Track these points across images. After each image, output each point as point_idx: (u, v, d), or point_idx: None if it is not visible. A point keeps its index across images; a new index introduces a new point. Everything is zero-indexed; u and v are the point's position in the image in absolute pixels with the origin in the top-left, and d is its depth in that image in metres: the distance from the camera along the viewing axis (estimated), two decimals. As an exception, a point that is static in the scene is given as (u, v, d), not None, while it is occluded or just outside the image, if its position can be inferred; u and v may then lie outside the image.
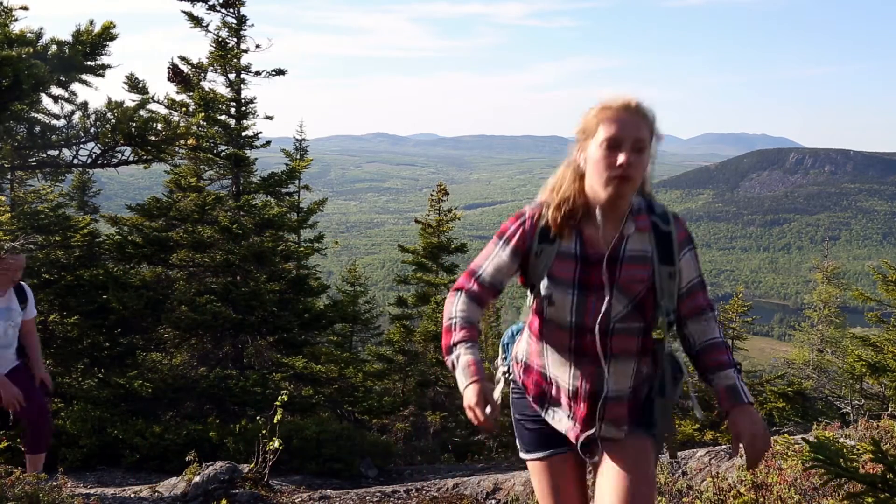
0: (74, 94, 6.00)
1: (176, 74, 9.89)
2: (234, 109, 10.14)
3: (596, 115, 1.98)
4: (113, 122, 5.91)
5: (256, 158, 10.27)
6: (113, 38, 5.65)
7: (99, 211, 16.32)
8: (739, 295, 13.03)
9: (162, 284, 9.18)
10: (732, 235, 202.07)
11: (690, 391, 2.23)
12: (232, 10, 10.05)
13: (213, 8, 10.02)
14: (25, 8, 5.53)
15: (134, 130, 5.91)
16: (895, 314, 9.96)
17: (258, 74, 10.35)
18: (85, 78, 5.81)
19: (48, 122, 6.27)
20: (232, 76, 10.15)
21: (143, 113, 6.00)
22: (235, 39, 10.09)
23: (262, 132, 10.56)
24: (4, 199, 8.92)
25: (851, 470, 1.88)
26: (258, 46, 10.26)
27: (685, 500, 3.96)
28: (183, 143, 6.52)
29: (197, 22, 10.03)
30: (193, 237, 9.11)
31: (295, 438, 6.65)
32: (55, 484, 4.11)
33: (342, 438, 7.01)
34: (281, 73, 10.62)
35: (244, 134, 10.13)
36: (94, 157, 6.21)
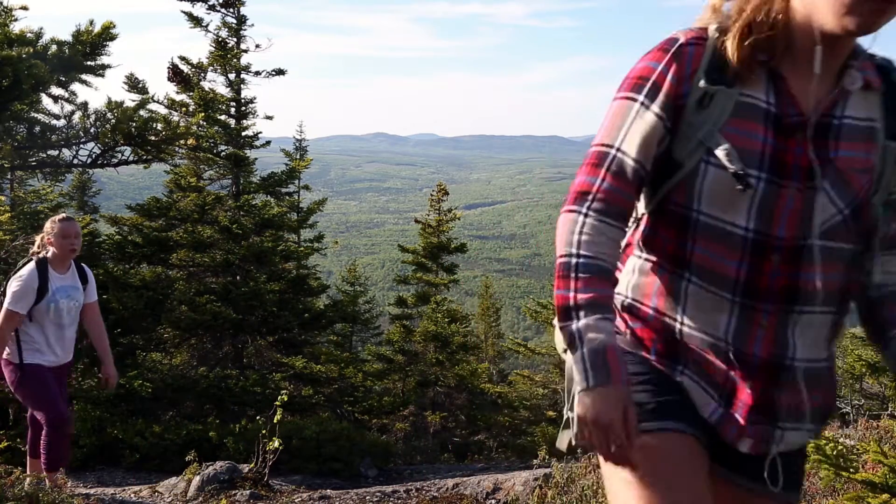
0: (74, 94, 6.03)
1: (176, 74, 9.90)
2: (233, 109, 10.15)
3: None
4: (113, 122, 5.92)
5: (256, 158, 10.27)
6: (113, 38, 5.66)
7: (99, 211, 16.34)
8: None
9: (162, 284, 9.18)
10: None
11: None
12: (232, 10, 10.07)
13: (213, 8, 10.03)
14: (25, 8, 5.54)
15: (134, 130, 5.92)
16: (895, 314, 9.96)
17: (258, 74, 10.36)
18: (85, 78, 5.83)
19: (48, 122, 6.29)
20: (232, 76, 10.16)
21: (143, 113, 6.02)
22: (235, 39, 10.10)
23: (261, 132, 10.58)
24: (4, 199, 8.92)
25: (851, 470, 1.88)
26: (258, 46, 10.28)
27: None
28: (183, 143, 6.53)
29: (197, 22, 10.04)
30: (193, 237, 9.11)
31: (295, 438, 6.65)
32: (55, 484, 4.11)
33: (342, 438, 7.01)
34: (281, 73, 10.63)
35: (244, 134, 10.14)
36: (94, 157, 6.22)
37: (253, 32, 11.87)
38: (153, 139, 6.09)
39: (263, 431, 5.11)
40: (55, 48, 5.40)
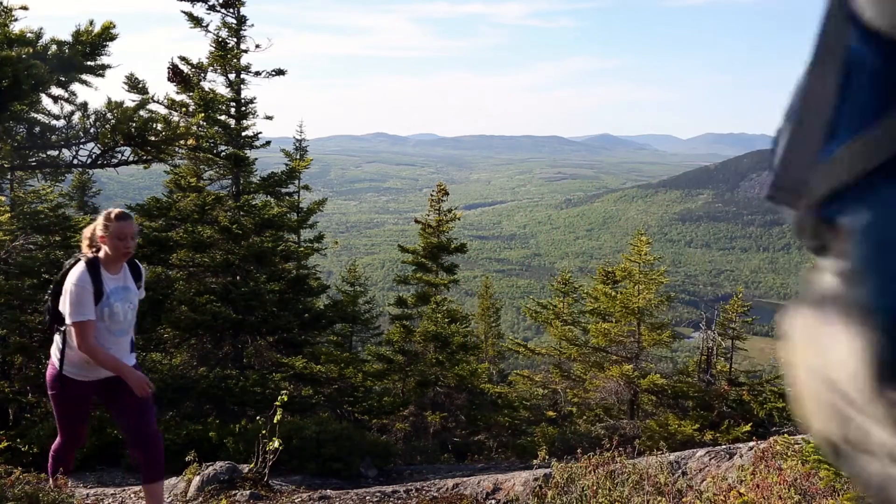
0: (74, 94, 6.01)
1: (176, 74, 9.89)
2: (233, 109, 10.15)
3: None
4: (113, 122, 5.91)
5: (256, 158, 10.27)
6: (113, 38, 5.65)
7: (99, 211, 16.33)
8: (739, 295, 13.03)
9: (162, 284, 9.18)
10: (732, 235, 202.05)
11: None
12: (232, 10, 10.07)
13: (213, 8, 10.03)
14: (25, 8, 5.53)
15: (134, 130, 5.91)
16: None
17: (258, 74, 10.36)
18: (85, 78, 5.82)
19: (48, 122, 6.28)
20: (232, 76, 10.16)
21: (142, 113, 6.01)
22: (235, 39, 10.10)
23: (261, 132, 10.59)
24: (4, 199, 8.93)
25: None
26: (258, 46, 10.28)
27: (685, 500, 3.96)
28: (183, 143, 6.52)
29: (197, 22, 10.04)
30: (193, 237, 9.12)
31: (295, 438, 6.65)
32: (55, 484, 4.11)
33: (342, 438, 7.01)
34: (281, 73, 10.63)
35: (244, 134, 10.14)
36: (94, 157, 6.22)
37: (253, 32, 11.88)
38: (153, 139, 6.09)
39: (263, 431, 5.11)
40: (55, 48, 5.39)
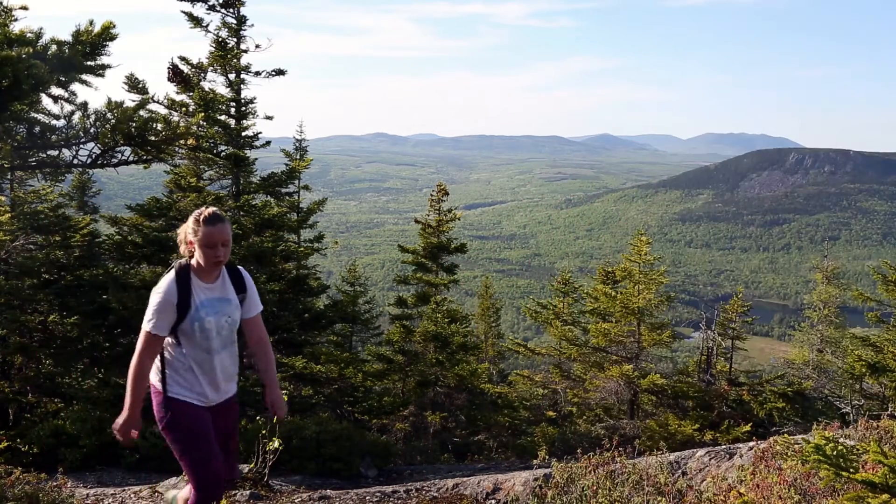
0: (74, 94, 6.01)
1: (176, 74, 9.89)
2: (233, 109, 10.15)
3: None
4: (113, 122, 5.91)
5: (256, 158, 10.27)
6: (113, 38, 5.65)
7: (99, 211, 16.33)
8: (739, 295, 13.02)
9: (162, 284, 9.18)
10: (732, 235, 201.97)
11: None
12: (232, 10, 10.06)
13: (213, 8, 10.03)
14: (25, 8, 5.53)
15: (134, 130, 5.91)
16: (895, 314, 9.98)
17: (258, 74, 10.36)
18: (85, 78, 5.81)
19: (48, 122, 6.27)
20: (232, 76, 10.16)
21: (143, 113, 6.00)
22: (235, 39, 10.10)
23: (261, 132, 10.59)
24: (4, 199, 8.92)
25: (851, 470, 1.88)
26: (258, 46, 10.27)
27: (685, 500, 3.96)
28: (183, 143, 6.52)
29: (197, 22, 10.04)
30: (193, 237, 9.12)
31: (295, 438, 6.65)
32: (55, 484, 4.11)
33: (342, 438, 7.01)
34: (281, 73, 10.62)
35: (244, 134, 10.14)
36: (94, 157, 6.21)
37: (253, 32, 11.86)
38: (153, 139, 6.08)
39: (263, 431, 5.12)
40: (55, 48, 5.39)
